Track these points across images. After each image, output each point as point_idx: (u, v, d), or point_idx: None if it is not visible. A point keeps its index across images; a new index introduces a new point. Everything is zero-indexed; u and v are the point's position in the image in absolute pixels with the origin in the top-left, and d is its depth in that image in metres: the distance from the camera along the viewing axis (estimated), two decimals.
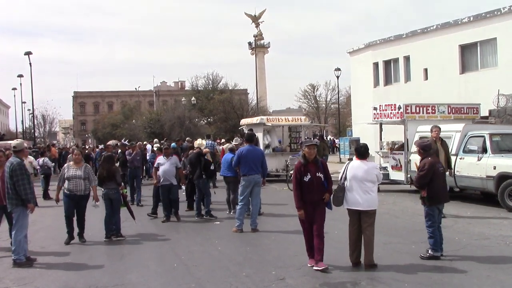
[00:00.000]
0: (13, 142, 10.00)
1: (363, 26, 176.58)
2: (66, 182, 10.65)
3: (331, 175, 8.53)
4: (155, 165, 13.70)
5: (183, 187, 13.95)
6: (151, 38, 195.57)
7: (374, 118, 18.83)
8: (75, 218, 10.92)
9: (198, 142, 16.64)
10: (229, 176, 13.91)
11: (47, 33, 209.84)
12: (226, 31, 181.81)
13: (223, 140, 27.93)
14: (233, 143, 16.12)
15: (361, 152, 8.34)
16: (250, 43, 77.47)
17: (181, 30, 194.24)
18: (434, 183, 8.58)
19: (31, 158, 18.77)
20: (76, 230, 10.90)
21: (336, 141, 49.28)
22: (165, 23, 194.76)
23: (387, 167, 17.72)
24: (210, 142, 21.52)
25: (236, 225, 11.46)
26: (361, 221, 8.14)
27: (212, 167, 13.77)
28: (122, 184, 11.80)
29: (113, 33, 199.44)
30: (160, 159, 13.57)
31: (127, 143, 21.22)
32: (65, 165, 11.13)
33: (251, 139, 12.14)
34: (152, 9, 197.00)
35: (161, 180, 13.23)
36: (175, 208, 13.35)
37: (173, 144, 21.81)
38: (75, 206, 10.77)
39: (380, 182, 8.75)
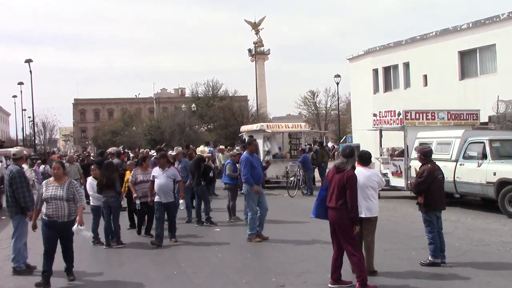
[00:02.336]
0: (12, 150, 9.99)
1: (362, 32, 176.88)
2: (44, 204, 8.12)
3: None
4: (151, 178, 11.48)
5: (182, 201, 12.02)
6: (151, 45, 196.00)
7: (374, 125, 18.84)
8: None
9: (200, 149, 16.72)
10: (230, 184, 13.94)
11: (47, 40, 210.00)
12: (226, 38, 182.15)
13: (221, 147, 27.92)
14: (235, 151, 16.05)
15: (364, 158, 8.29)
16: (250, 50, 77.62)
17: (181, 37, 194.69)
18: (431, 190, 8.57)
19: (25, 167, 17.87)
20: (56, 262, 8.42)
21: (336, 147, 49.26)
22: (165, 30, 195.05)
23: (387, 173, 17.71)
24: (209, 149, 21.55)
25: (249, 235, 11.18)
26: (362, 228, 8.10)
27: (211, 174, 13.77)
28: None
29: (113, 40, 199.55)
30: (156, 171, 11.42)
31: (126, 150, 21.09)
32: (44, 182, 8.58)
33: (247, 144, 12.14)
34: (152, 16, 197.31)
35: (156, 196, 11.17)
36: (173, 228, 11.46)
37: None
38: (58, 237, 8.21)
39: (383, 187, 8.77)
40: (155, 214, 11.34)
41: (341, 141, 54.02)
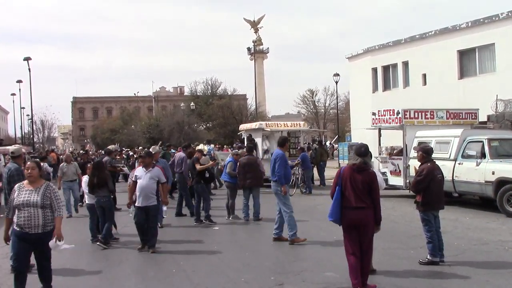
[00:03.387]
0: (11, 148, 10.01)
1: (362, 32, 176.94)
2: (16, 212, 6.91)
3: (329, 180, 8.52)
4: (132, 178, 10.53)
5: (165, 208, 11.11)
6: (150, 44, 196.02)
7: (373, 124, 18.85)
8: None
9: (200, 147, 16.73)
10: (229, 182, 13.95)
11: (46, 39, 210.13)
12: (225, 36, 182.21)
13: (218, 146, 27.95)
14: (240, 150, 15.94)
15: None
16: (249, 49, 77.69)
17: (180, 36, 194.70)
18: (430, 189, 8.57)
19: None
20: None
21: (335, 146, 49.31)
22: (164, 29, 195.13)
23: (386, 172, 17.71)
24: (209, 147, 21.55)
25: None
26: None
27: (207, 174, 13.66)
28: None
29: (112, 39, 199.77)
30: (138, 171, 10.41)
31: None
32: (16, 185, 7.25)
33: (283, 143, 11.07)
34: (151, 15, 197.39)
35: (137, 199, 10.15)
36: (153, 237, 10.14)
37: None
38: (30, 252, 7.11)
39: (383, 189, 8.69)
40: (133, 218, 10.41)
41: (332, 141, 54.13)
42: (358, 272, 7.04)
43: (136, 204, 10.14)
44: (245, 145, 20.10)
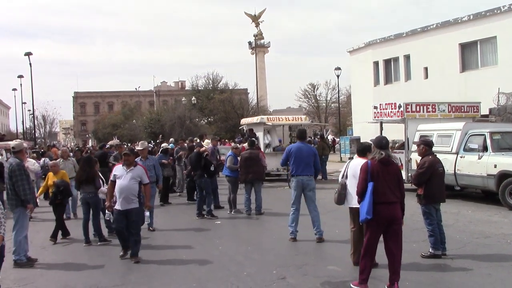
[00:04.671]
0: (12, 143, 9.95)
1: (363, 25, 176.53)
2: None
3: (332, 174, 8.49)
4: (110, 178, 9.35)
5: (147, 213, 9.62)
6: (151, 38, 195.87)
7: (375, 117, 18.80)
8: None
9: (206, 141, 16.73)
10: (230, 176, 13.94)
11: (46, 34, 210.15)
12: (226, 30, 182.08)
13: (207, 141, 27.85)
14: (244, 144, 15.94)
15: (361, 150, 8.32)
16: (250, 43, 77.53)
17: (181, 30, 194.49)
18: (432, 182, 8.55)
19: (31, 161, 15.92)
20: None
21: (337, 140, 49.26)
22: (165, 23, 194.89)
23: None
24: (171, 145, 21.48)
25: (289, 233, 10.20)
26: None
27: (212, 168, 13.73)
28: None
29: (113, 33, 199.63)
30: (118, 169, 9.25)
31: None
32: None
33: (303, 136, 10.72)
34: (152, 9, 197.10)
35: (117, 202, 9.08)
36: (135, 245, 9.07)
37: (171, 144, 21.65)
38: None
39: None
40: (112, 225, 9.70)
41: (326, 135, 53.99)
42: (369, 272, 6.96)
43: (115, 207, 9.08)
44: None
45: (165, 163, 16.32)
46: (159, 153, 17.36)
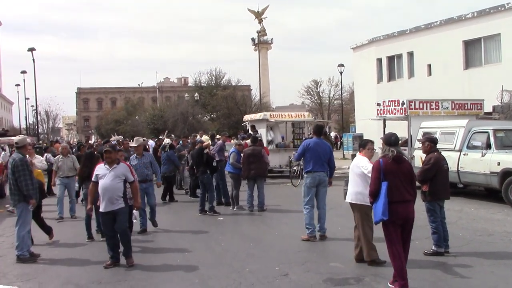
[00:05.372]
0: (15, 138, 9.96)
1: (366, 22, 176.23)
2: None
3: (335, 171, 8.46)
4: (92, 178, 8.73)
5: (136, 212, 9.33)
6: (154, 34, 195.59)
7: (378, 114, 18.80)
8: None
9: (204, 137, 16.68)
10: (233, 173, 13.93)
11: (49, 30, 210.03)
12: (229, 27, 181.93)
13: (218, 136, 27.78)
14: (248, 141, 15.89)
15: (362, 146, 8.36)
16: (253, 39, 77.34)
17: (184, 26, 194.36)
18: (436, 179, 8.54)
19: (39, 157, 15.57)
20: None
21: (339, 136, 49.21)
22: (168, 19, 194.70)
23: None
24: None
25: (307, 233, 9.85)
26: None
27: (214, 163, 13.73)
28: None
29: (116, 29, 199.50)
30: (100, 168, 8.64)
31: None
32: None
33: (320, 131, 10.43)
34: (155, 5, 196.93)
35: (101, 203, 8.46)
36: (125, 246, 8.49)
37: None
38: None
39: None
40: (96, 231, 9.10)
41: (329, 133, 53.82)
42: (405, 273, 6.72)
43: (100, 210, 8.48)
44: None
45: (184, 154, 16.73)
46: (164, 150, 16.89)
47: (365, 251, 7.99)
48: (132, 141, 13.35)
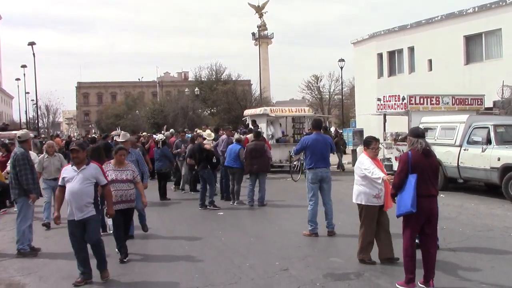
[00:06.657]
0: (18, 132, 9.96)
1: (367, 16, 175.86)
2: None
3: (333, 166, 8.44)
4: (59, 182, 7.52)
5: (110, 222, 8.51)
6: (154, 28, 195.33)
7: (378, 109, 18.80)
8: None
9: (207, 132, 16.62)
10: (234, 167, 13.90)
11: (50, 24, 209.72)
12: (229, 21, 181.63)
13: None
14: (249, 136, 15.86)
15: (366, 144, 8.32)
16: (253, 34, 77.26)
17: (185, 21, 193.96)
18: None
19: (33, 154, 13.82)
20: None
21: (340, 131, 49.12)
22: (168, 14, 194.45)
23: (390, 158, 17.68)
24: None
25: (309, 229, 9.80)
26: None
27: (214, 159, 13.71)
28: None
29: (116, 23, 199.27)
30: (67, 171, 7.45)
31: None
32: None
33: (319, 125, 10.37)
34: (156, 0, 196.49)
35: (69, 211, 7.26)
36: (100, 259, 7.50)
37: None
38: None
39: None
40: (70, 238, 7.46)
41: (329, 128, 53.64)
42: (415, 268, 6.59)
43: (68, 218, 7.33)
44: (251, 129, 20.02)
45: (183, 151, 16.53)
46: (157, 146, 16.23)
47: (358, 248, 7.94)
48: (119, 136, 11.98)
